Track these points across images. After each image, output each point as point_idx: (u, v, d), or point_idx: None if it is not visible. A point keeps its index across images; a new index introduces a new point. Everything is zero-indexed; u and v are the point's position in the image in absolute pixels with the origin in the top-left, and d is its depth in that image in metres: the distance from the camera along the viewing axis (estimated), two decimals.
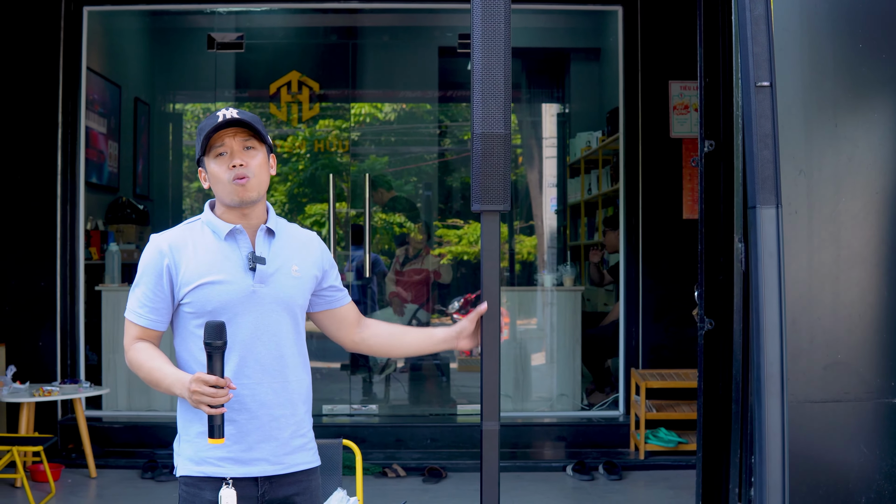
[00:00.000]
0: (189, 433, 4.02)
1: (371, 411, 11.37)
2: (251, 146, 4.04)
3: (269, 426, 4.00)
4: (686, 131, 10.59)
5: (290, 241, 4.15)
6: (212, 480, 3.97)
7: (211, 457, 3.96)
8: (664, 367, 10.42)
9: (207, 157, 4.03)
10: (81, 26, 10.65)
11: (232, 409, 3.90)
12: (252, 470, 3.98)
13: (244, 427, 3.96)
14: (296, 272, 4.08)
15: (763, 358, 4.79)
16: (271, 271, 4.01)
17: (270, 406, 4.00)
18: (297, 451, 4.09)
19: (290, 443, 4.06)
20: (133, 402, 10.74)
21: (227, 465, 3.96)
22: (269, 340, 4.00)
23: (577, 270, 12.14)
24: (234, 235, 4.02)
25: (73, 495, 8.98)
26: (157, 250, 4.00)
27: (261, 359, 3.98)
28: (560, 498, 9.07)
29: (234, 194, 3.99)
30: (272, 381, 4.00)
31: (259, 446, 3.99)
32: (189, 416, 4.02)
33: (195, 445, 4.00)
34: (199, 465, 3.98)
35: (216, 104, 14.10)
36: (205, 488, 3.97)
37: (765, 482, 4.76)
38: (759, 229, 4.81)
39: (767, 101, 4.87)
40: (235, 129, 4.02)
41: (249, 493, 3.98)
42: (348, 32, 13.29)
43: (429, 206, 14.45)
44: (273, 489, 4.03)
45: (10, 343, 10.12)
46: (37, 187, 10.38)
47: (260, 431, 3.98)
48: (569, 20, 13.24)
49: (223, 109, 4.03)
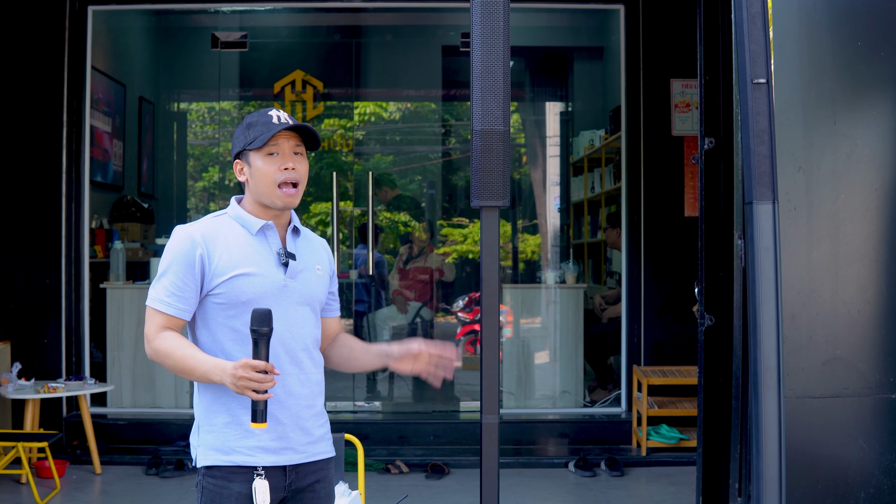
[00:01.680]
0: (214, 424, 4.07)
1: (374, 408, 11.41)
2: (299, 152, 4.13)
3: (298, 416, 4.09)
4: (687, 129, 10.62)
5: (310, 242, 4.27)
6: (241, 472, 4.02)
7: (242, 446, 4.02)
8: (666, 363, 10.45)
9: (255, 153, 4.09)
10: (86, 26, 10.68)
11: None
12: (281, 459, 4.05)
13: (275, 416, 4.02)
14: (319, 271, 4.21)
15: (760, 352, 4.83)
16: (300, 268, 4.12)
17: (299, 396, 4.09)
18: (319, 440, 4.18)
19: (314, 432, 4.15)
20: (137, 399, 10.78)
21: (259, 454, 4.02)
22: (297, 333, 4.09)
23: (579, 268, 12.16)
24: (264, 231, 4.11)
25: (78, 491, 9.01)
26: (189, 240, 4.04)
27: (290, 350, 4.06)
28: (562, 494, 9.10)
29: (281, 199, 4.08)
30: (300, 372, 4.10)
31: (289, 436, 4.07)
32: (215, 406, 4.07)
33: (222, 435, 4.04)
34: (229, 455, 4.02)
35: (220, 103, 14.16)
36: (234, 479, 4.01)
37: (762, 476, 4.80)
38: (756, 225, 4.85)
39: (764, 98, 4.91)
40: (289, 133, 4.10)
41: (278, 482, 4.06)
42: (352, 31, 13.32)
43: (433, 205, 14.48)
44: (299, 478, 4.11)
45: (16, 340, 10.16)
46: (42, 186, 10.42)
47: (290, 421, 4.07)
48: (571, 19, 13.26)
49: (274, 111, 4.10)
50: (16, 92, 10.36)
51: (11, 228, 10.35)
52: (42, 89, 10.42)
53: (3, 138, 10.32)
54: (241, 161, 4.15)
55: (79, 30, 10.63)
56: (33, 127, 10.40)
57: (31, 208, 10.40)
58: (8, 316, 10.27)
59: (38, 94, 10.42)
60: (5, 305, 10.32)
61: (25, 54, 10.38)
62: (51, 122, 10.44)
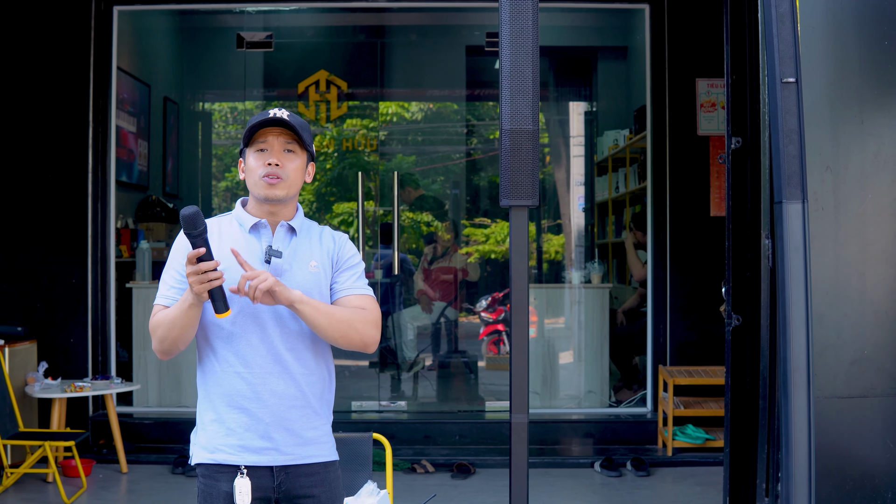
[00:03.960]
0: (204, 421, 4.11)
1: (400, 408, 11.41)
2: (292, 150, 4.13)
3: (281, 416, 4.06)
4: (713, 129, 10.60)
5: (312, 238, 4.24)
6: (227, 470, 4.04)
7: (225, 445, 4.04)
8: (692, 363, 10.43)
9: (249, 149, 4.14)
10: (112, 26, 10.71)
11: (244, 396, 4.02)
12: (264, 459, 4.05)
13: (256, 415, 4.03)
14: (314, 267, 4.16)
15: (789, 353, 4.82)
16: (287, 265, 4.10)
17: (281, 396, 4.06)
18: (310, 443, 4.14)
19: (303, 434, 4.12)
20: (164, 399, 10.81)
21: (242, 453, 4.04)
22: (282, 332, 4.07)
23: (604, 268, 12.14)
24: (257, 229, 4.14)
25: (105, 490, 9.04)
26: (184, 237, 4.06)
27: (273, 349, 4.05)
28: (588, 494, 9.10)
29: (262, 189, 4.09)
30: (283, 371, 4.07)
31: (270, 435, 4.05)
32: (204, 404, 4.11)
33: (208, 433, 4.08)
34: (213, 453, 4.06)
35: (245, 103, 14.18)
36: (220, 478, 4.04)
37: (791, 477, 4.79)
38: (785, 225, 4.84)
39: (793, 97, 4.90)
40: (281, 130, 4.12)
41: (266, 483, 4.05)
42: (376, 31, 13.33)
43: (456, 205, 14.49)
44: (290, 480, 4.09)
45: (42, 339, 10.19)
46: (68, 186, 10.46)
47: (271, 420, 4.05)
48: (596, 18, 13.25)
49: (274, 109, 4.12)
50: (42, 92, 10.40)
51: (38, 228, 10.39)
52: (68, 90, 10.46)
53: (30, 139, 10.36)
54: (242, 160, 4.21)
55: (104, 30, 10.65)
56: (60, 127, 10.43)
57: (58, 208, 10.43)
58: (34, 315, 10.30)
59: (65, 94, 10.45)
60: (32, 305, 10.36)
61: (51, 55, 10.41)
62: (77, 122, 10.47)
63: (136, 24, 12.07)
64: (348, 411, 11.11)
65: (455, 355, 12.62)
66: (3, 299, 10.22)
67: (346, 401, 11.28)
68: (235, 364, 4.03)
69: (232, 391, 4.03)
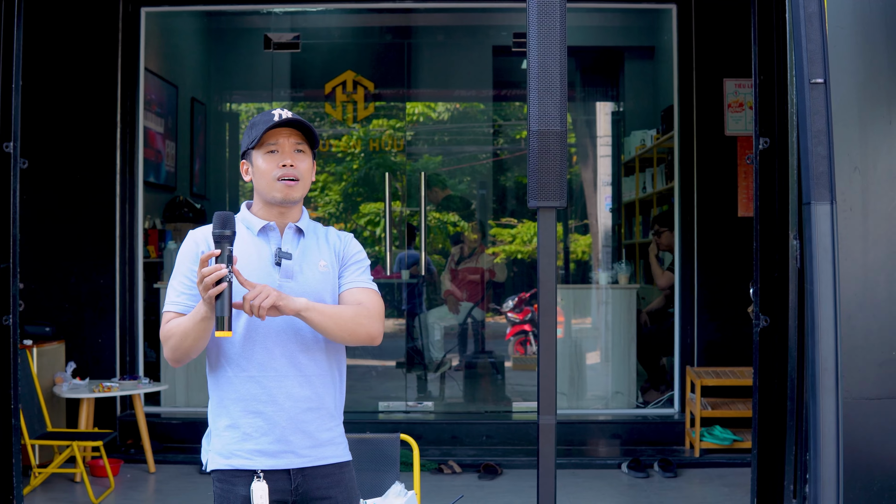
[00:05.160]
0: (217, 427, 4.09)
1: (427, 408, 11.41)
2: (301, 149, 4.13)
3: (297, 418, 4.06)
4: (741, 129, 10.57)
5: (319, 238, 4.23)
6: (244, 475, 4.03)
7: (241, 450, 4.03)
8: (719, 364, 10.40)
9: (256, 151, 4.11)
10: (139, 27, 10.75)
11: (260, 401, 4.01)
12: (281, 462, 4.04)
13: (272, 418, 4.02)
14: (323, 267, 4.15)
15: (818, 354, 4.80)
16: (298, 267, 4.09)
17: (297, 399, 4.06)
18: (325, 444, 4.13)
19: (318, 436, 4.11)
20: (191, 399, 10.84)
21: (257, 457, 4.02)
22: (297, 334, 4.06)
23: (632, 268, 12.12)
24: (266, 232, 4.12)
25: (133, 490, 9.08)
26: (192, 241, 4.09)
27: (288, 352, 4.04)
28: (615, 495, 9.09)
29: (280, 192, 4.08)
30: (298, 374, 4.06)
31: (287, 438, 4.04)
32: (218, 410, 4.09)
33: (223, 439, 4.06)
34: (229, 459, 4.04)
35: (272, 104, 14.20)
36: (237, 483, 4.02)
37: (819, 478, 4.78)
38: (814, 225, 4.82)
39: (821, 98, 4.88)
40: (290, 130, 4.11)
41: (283, 486, 4.05)
42: (403, 32, 13.34)
43: (483, 206, 14.49)
44: (306, 482, 4.08)
45: (70, 340, 10.24)
46: (96, 186, 10.50)
47: (287, 423, 4.04)
48: (623, 19, 13.23)
49: (278, 110, 4.10)
50: (71, 94, 10.44)
51: (66, 229, 10.43)
52: (96, 91, 10.50)
53: (59, 140, 10.40)
54: (246, 161, 4.17)
55: (132, 31, 10.69)
56: (88, 128, 10.47)
57: (86, 209, 10.47)
58: (62, 315, 10.34)
59: (93, 95, 10.49)
60: (60, 305, 10.40)
61: (80, 56, 10.45)
62: (105, 123, 10.51)
63: (164, 26, 12.10)
64: (375, 412, 11.12)
65: (482, 356, 12.63)
66: (32, 299, 10.22)
67: (373, 401, 11.30)
68: (249, 368, 4.02)
69: (247, 396, 4.02)
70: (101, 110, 10.52)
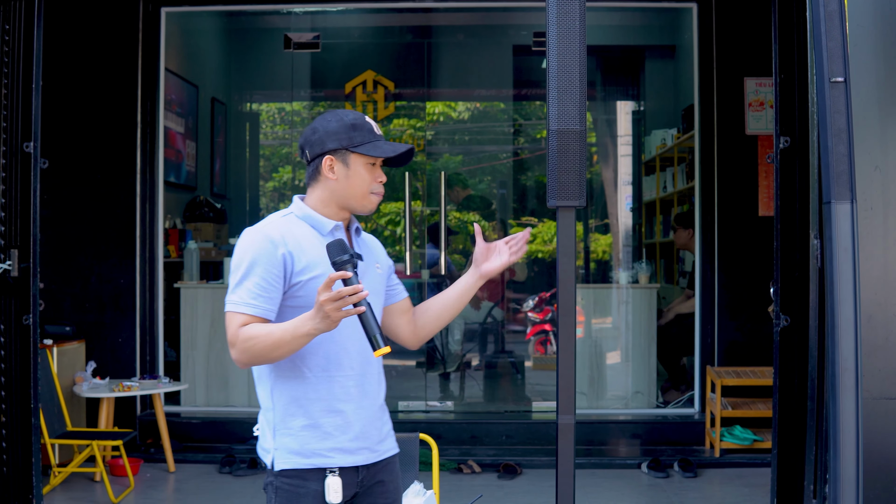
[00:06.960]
0: (292, 427, 4.04)
1: (446, 408, 11.41)
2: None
3: (372, 415, 4.11)
4: (761, 128, 10.54)
5: (367, 240, 4.29)
6: (316, 471, 4.02)
7: (321, 448, 4.01)
8: (740, 364, 10.37)
9: (358, 156, 4.10)
10: (159, 27, 10.76)
11: (339, 400, 4.02)
12: (357, 459, 4.06)
13: (350, 417, 4.04)
14: (378, 269, 4.22)
15: (838, 354, 4.78)
16: (366, 268, 4.11)
17: (372, 396, 4.12)
18: (386, 438, 4.20)
19: (383, 430, 4.18)
20: (211, 398, 10.85)
21: (337, 455, 4.02)
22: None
23: (652, 268, 12.10)
24: (333, 233, 4.09)
25: (152, 489, 9.09)
26: (268, 241, 3.98)
27: (363, 350, 4.02)
28: (635, 495, 9.07)
29: (372, 204, 4.16)
30: (373, 371, 4.12)
31: (363, 435, 4.08)
32: (292, 409, 4.04)
33: (300, 438, 4.03)
34: (309, 458, 4.01)
35: (292, 104, 14.24)
36: (310, 479, 4.01)
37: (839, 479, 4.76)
38: (834, 225, 4.80)
39: (842, 97, 4.86)
40: None
41: (351, 480, 4.06)
42: (423, 31, 13.34)
43: (503, 205, 14.48)
44: (369, 475, 4.11)
45: (90, 339, 10.26)
46: (117, 186, 10.52)
47: (365, 421, 4.08)
48: (643, 17, 13.22)
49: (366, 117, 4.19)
50: (91, 93, 10.46)
51: (87, 228, 10.45)
52: (117, 91, 10.51)
53: (79, 140, 10.42)
54: (336, 159, 4.11)
55: (152, 31, 10.70)
56: (108, 128, 10.49)
57: (106, 208, 10.49)
58: (83, 315, 10.37)
59: (113, 95, 10.51)
60: (80, 305, 10.43)
61: (100, 56, 10.48)
62: (125, 123, 10.53)
63: (184, 26, 12.13)
64: (395, 411, 11.12)
65: (502, 355, 12.62)
66: (52, 299, 10.27)
67: (392, 401, 11.29)
68: (328, 368, 4.01)
69: (327, 395, 4.01)
70: (122, 110, 10.54)
